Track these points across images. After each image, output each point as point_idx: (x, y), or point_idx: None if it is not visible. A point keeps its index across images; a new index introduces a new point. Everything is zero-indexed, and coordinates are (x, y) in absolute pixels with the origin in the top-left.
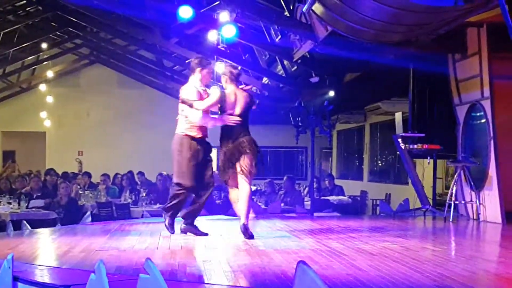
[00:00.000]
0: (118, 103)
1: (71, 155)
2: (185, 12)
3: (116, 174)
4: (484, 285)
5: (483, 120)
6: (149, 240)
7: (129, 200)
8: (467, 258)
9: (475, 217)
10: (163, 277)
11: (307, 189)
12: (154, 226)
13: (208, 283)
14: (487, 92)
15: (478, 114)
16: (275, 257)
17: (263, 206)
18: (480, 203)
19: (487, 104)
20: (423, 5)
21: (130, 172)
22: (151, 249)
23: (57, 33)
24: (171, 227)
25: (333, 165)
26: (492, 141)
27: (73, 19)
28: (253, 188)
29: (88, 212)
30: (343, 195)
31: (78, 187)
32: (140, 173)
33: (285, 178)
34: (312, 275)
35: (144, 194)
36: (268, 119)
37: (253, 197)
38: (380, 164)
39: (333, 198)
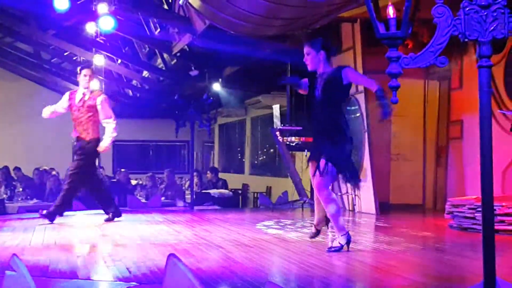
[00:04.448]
0: None
1: None
2: (61, 3)
3: None
4: (358, 275)
5: (358, 114)
6: (22, 236)
7: (4, 196)
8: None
9: (350, 209)
10: (33, 274)
11: (188, 182)
12: (29, 222)
13: (79, 279)
14: (361, 86)
15: (353, 107)
16: (151, 250)
17: (143, 200)
18: (355, 195)
19: (361, 98)
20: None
21: (6, 167)
22: (22, 246)
23: None
24: None
25: (215, 158)
26: (366, 134)
27: None
28: (134, 182)
29: None
30: (227, 188)
31: None
32: (17, 169)
33: (166, 171)
34: (182, 268)
35: (20, 189)
36: (148, 113)
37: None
38: (261, 158)
39: (213, 192)
